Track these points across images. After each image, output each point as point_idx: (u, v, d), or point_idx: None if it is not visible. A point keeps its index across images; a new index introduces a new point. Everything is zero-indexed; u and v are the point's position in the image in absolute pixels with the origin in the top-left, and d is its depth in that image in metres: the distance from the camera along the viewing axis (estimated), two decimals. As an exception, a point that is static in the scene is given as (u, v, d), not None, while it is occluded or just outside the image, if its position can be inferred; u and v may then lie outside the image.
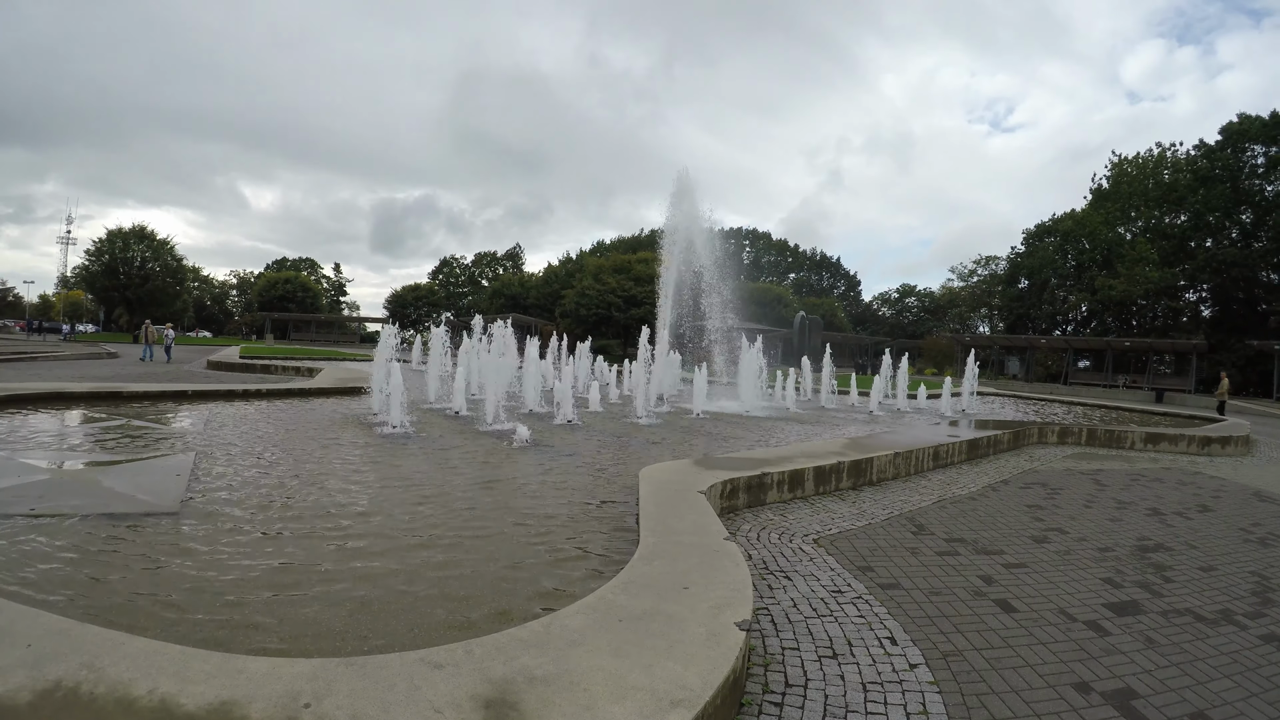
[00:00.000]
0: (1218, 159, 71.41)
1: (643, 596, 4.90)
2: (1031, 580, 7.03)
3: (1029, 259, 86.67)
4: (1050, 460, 15.58)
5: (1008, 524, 9.35)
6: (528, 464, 11.26)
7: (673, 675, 3.79)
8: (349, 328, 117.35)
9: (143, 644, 4.00)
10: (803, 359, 26.43)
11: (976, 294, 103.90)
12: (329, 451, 11.68)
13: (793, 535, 8.22)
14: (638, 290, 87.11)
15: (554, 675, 3.73)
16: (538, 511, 8.40)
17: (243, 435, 13.05)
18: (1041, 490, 11.89)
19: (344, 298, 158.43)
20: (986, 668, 4.96)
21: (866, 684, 4.63)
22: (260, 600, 5.42)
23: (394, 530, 7.38)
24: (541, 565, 6.51)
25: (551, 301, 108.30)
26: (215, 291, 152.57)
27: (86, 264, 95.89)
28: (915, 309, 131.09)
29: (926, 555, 7.69)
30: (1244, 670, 5.26)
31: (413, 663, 3.81)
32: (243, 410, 16.81)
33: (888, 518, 9.36)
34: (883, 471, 11.88)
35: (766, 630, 5.39)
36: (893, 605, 6.07)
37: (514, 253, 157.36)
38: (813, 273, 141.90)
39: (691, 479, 8.94)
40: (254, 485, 9.14)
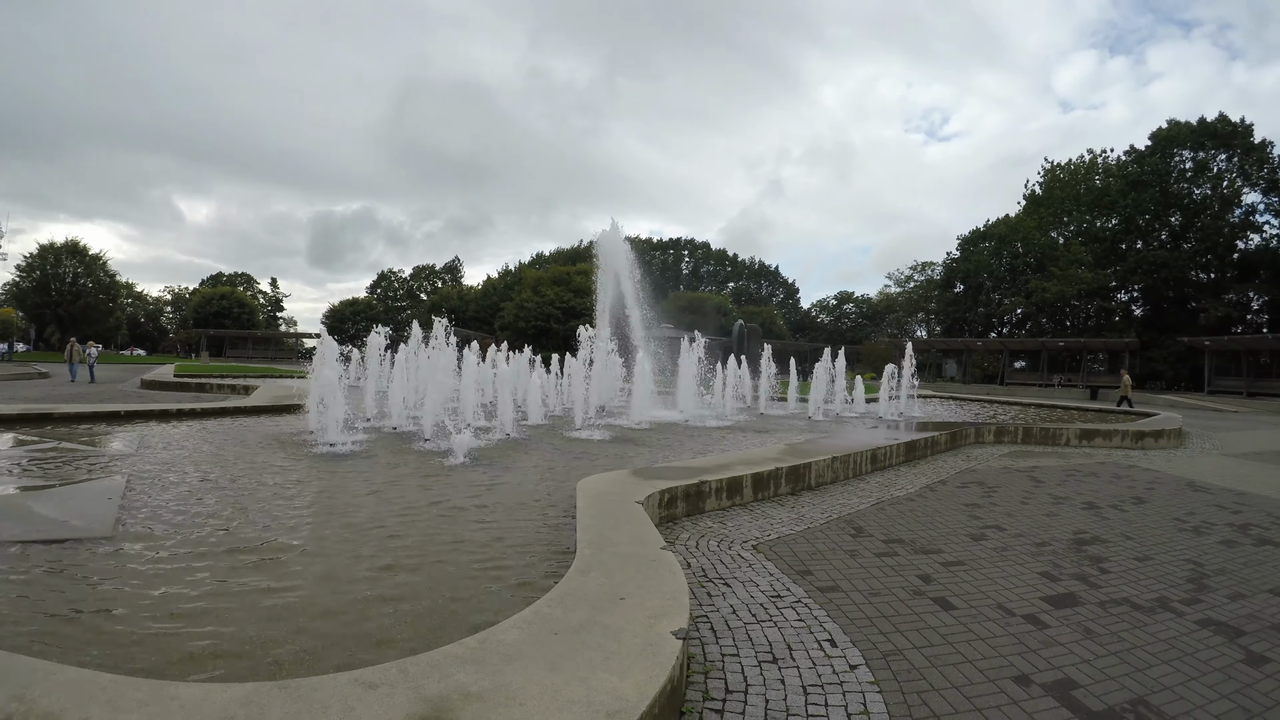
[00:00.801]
0: (1147, 164, 74.21)
1: (579, 609, 4.86)
2: (970, 577, 7.11)
3: (964, 264, 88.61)
4: (987, 459, 15.85)
5: (945, 523, 9.46)
6: (465, 480, 11.11)
7: (609, 686, 3.78)
8: (286, 344, 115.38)
9: (74, 673, 3.91)
10: (742, 366, 26.51)
11: (913, 299, 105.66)
12: (263, 472, 11.41)
13: (731, 542, 8.22)
14: (577, 302, 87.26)
15: (489, 691, 3.70)
16: (475, 528, 8.28)
17: (176, 456, 12.72)
18: (979, 489, 12.07)
19: (281, 313, 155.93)
20: (926, 665, 4.99)
21: (807, 687, 4.63)
22: (193, 625, 5.29)
23: (328, 550, 7.23)
24: (478, 581, 6.41)
25: (491, 314, 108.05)
26: (149, 308, 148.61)
27: (17, 280, 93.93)
28: (854, 315, 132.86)
29: (865, 557, 7.74)
30: (1182, 656, 5.38)
31: (346, 684, 3.76)
32: (177, 430, 16.41)
33: (826, 521, 9.42)
34: (821, 476, 11.95)
35: (706, 638, 5.38)
36: (832, 608, 6.09)
37: (453, 266, 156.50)
38: (751, 281, 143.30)
39: (629, 489, 8.90)
40: (187, 508, 8.90)
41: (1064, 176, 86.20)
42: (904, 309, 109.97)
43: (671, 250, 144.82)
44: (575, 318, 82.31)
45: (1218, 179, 72.21)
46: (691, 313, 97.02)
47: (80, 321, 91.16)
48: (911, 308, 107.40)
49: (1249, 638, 5.81)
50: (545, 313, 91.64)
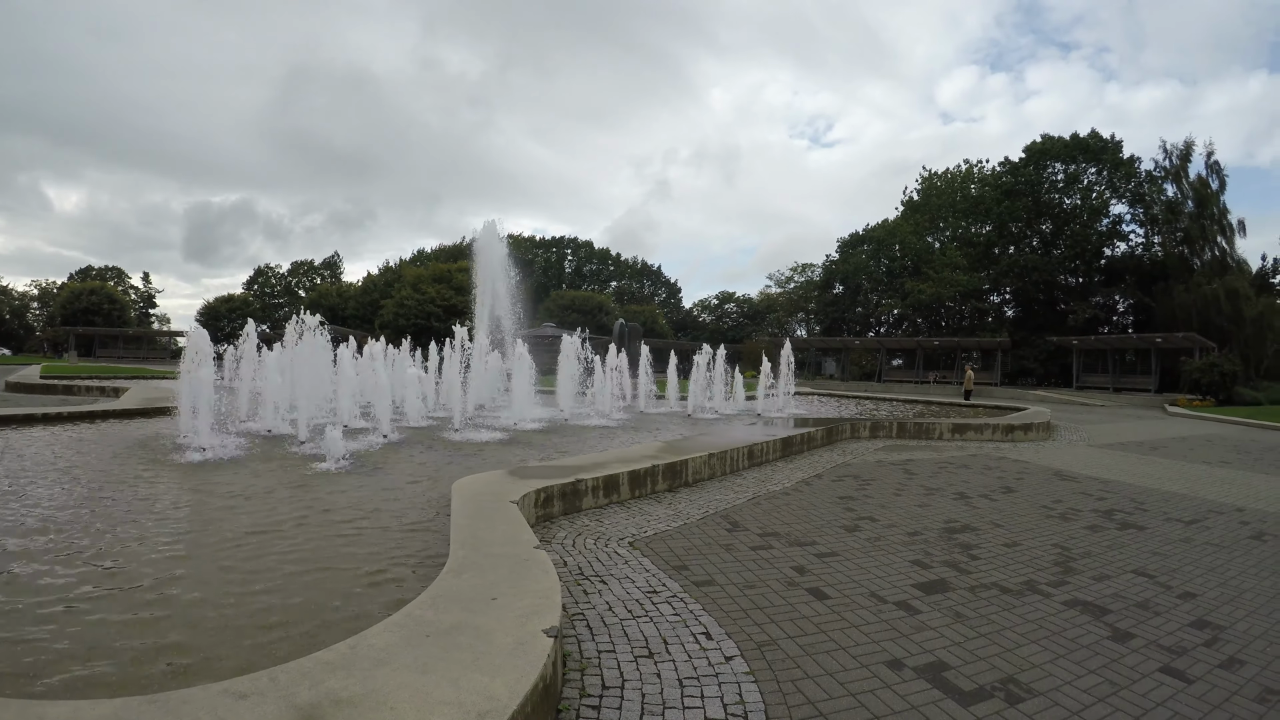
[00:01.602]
0: (1021, 174, 77.75)
1: (450, 610, 4.84)
2: (843, 568, 7.27)
3: (844, 265, 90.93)
4: (863, 454, 16.25)
5: (820, 516, 9.66)
6: (340, 484, 10.84)
7: (480, 687, 3.80)
8: (159, 343, 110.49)
9: None
10: (621, 364, 26.55)
11: (794, 299, 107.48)
12: (132, 478, 10.94)
13: (608, 540, 8.23)
14: (458, 300, 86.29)
15: (361, 696, 3.70)
16: (350, 533, 8.10)
17: (41, 463, 12.10)
18: (854, 482, 12.36)
19: (154, 310, 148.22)
20: (801, 654, 5.08)
21: (683, 680, 4.67)
22: (60, 639, 5.08)
23: (199, 560, 6.98)
24: (352, 587, 6.30)
25: (371, 312, 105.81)
26: (15, 304, 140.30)
27: None
28: (735, 315, 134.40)
29: (741, 551, 7.83)
30: (1049, 635, 5.61)
31: (216, 695, 3.72)
32: (43, 436, 15.61)
33: (703, 517, 9.51)
34: (698, 472, 12.06)
35: (582, 635, 5.38)
36: (708, 602, 6.15)
37: (332, 262, 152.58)
38: (634, 280, 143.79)
39: (505, 489, 8.84)
40: (54, 518, 8.49)
41: (941, 185, 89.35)
42: (784, 309, 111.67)
43: (555, 249, 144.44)
44: (456, 316, 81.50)
45: (1087, 190, 76.04)
46: (574, 311, 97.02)
47: None
48: (792, 308, 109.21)
49: (1114, 615, 6.11)
50: (426, 311, 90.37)
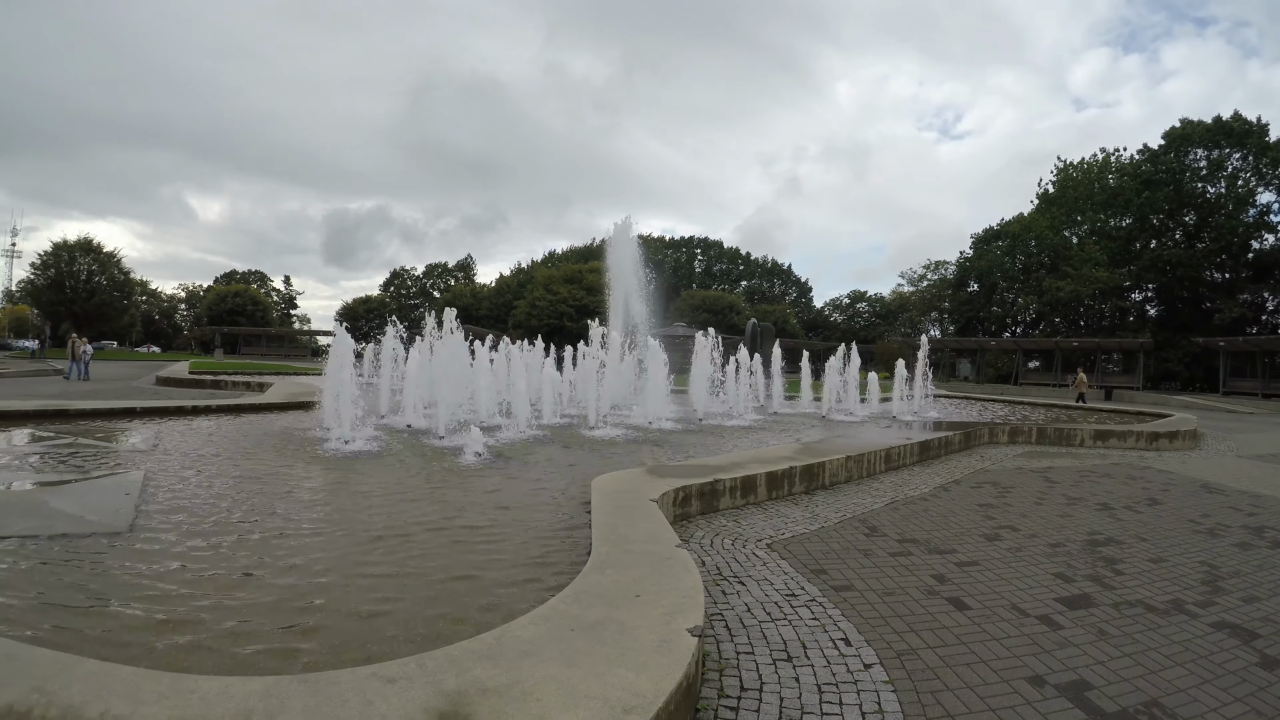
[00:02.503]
0: (1161, 163, 73.38)
1: (595, 606, 4.88)
2: (984, 577, 7.09)
3: (977, 262, 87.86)
4: (1001, 459, 15.80)
5: (960, 523, 9.45)
6: (479, 478, 11.13)
7: (625, 682, 3.78)
8: (300, 341, 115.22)
9: (94, 666, 3.93)
10: (755, 364, 26.41)
11: (927, 298, 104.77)
12: (279, 468, 11.46)
13: (746, 541, 8.23)
14: (590, 300, 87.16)
15: (506, 686, 3.71)
16: (490, 525, 8.31)
17: (193, 452, 12.78)
18: (993, 489, 12.04)
19: (295, 311, 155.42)
20: (940, 665, 4.99)
21: (821, 686, 4.63)
22: (212, 620, 5.32)
23: (344, 547, 7.27)
24: (494, 578, 6.44)
25: (504, 312, 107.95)
26: (164, 305, 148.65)
27: (32, 278, 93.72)
28: (867, 314, 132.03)
29: (879, 556, 7.73)
30: (1196, 658, 5.35)
31: (365, 678, 3.77)
32: (194, 426, 16.51)
33: (840, 520, 9.42)
34: (835, 475, 11.94)
35: (721, 636, 5.38)
36: (846, 607, 6.09)
37: (465, 264, 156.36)
38: (764, 280, 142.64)
39: (644, 487, 8.92)
40: (205, 503, 8.96)
41: (1077, 175, 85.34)
42: (917, 308, 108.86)
43: (684, 248, 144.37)
44: (588, 316, 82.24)
45: (1232, 178, 71.22)
46: (704, 311, 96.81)
47: (95, 319, 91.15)
48: (925, 307, 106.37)
49: (1263, 641, 5.78)
50: (558, 310, 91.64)
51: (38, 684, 3.63)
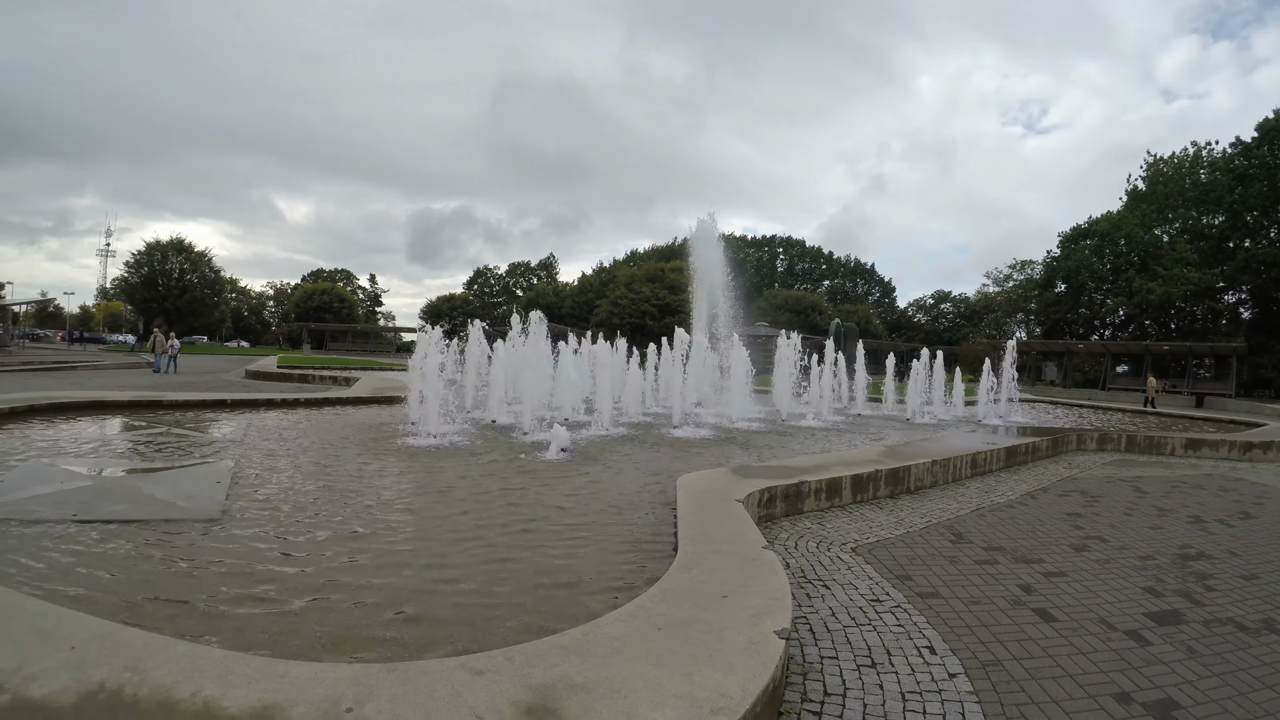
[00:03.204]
0: (1254, 157, 69.25)
1: (682, 605, 4.91)
2: (1071, 589, 6.95)
3: (1065, 262, 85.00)
4: (1089, 467, 15.40)
5: (1047, 532, 9.26)
6: (564, 474, 11.29)
7: (713, 683, 3.79)
8: (385, 338, 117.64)
9: (185, 647, 4.06)
10: (838, 365, 26.19)
11: (1012, 299, 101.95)
12: (367, 461, 11.78)
13: (830, 544, 8.21)
14: (671, 299, 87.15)
15: (594, 682, 3.74)
16: (575, 521, 8.43)
17: (282, 444, 13.21)
18: (1081, 498, 11.76)
19: (380, 308, 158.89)
20: (1026, 677, 4.93)
21: (905, 693, 4.61)
22: (301, 606, 5.50)
23: (433, 539, 7.45)
24: (580, 573, 6.54)
25: (586, 311, 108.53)
26: (252, 302, 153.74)
27: (126, 275, 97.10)
28: (951, 315, 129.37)
29: (965, 564, 7.65)
30: (1288, 681, 5.19)
31: (453, 669, 3.83)
32: (282, 419, 17.06)
33: (926, 526, 9.32)
34: (920, 479, 11.80)
35: (805, 639, 5.39)
36: (931, 614, 6.04)
37: (547, 263, 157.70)
38: (847, 279, 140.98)
39: (729, 487, 8.94)
40: (294, 493, 9.26)
41: (1168, 171, 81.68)
42: (1003, 309, 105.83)
43: (766, 248, 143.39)
44: (670, 315, 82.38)
45: (1332, 171, 67.25)
46: (786, 311, 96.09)
47: (186, 314, 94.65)
48: (1010, 308, 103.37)
49: (1361, 665, 5.60)
50: (640, 309, 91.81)
51: (130, 663, 3.77)
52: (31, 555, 6.38)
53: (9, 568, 6.02)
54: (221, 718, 3.32)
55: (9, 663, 3.74)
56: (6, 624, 4.22)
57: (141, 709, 3.38)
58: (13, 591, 4.87)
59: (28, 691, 3.49)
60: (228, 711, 3.36)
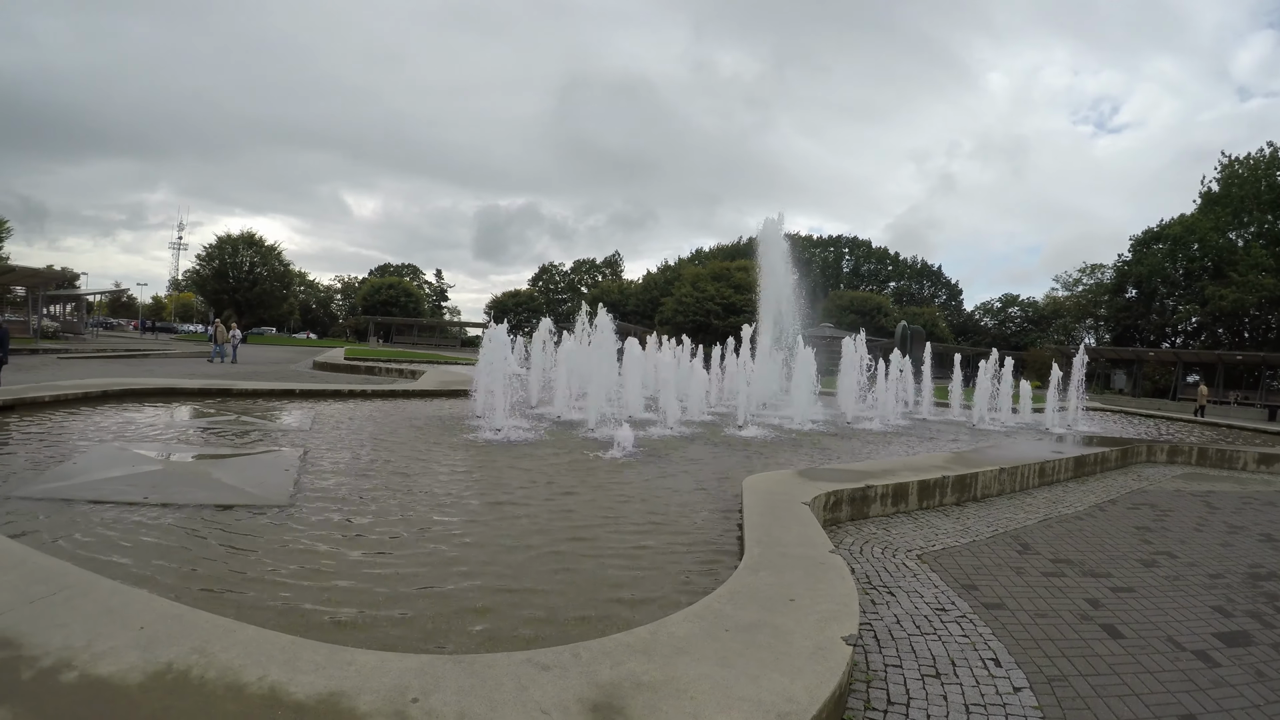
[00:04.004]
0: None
1: (749, 607, 4.92)
2: (1139, 605, 6.81)
3: (1136, 266, 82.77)
4: (1159, 480, 14.99)
5: (1115, 546, 9.06)
6: (630, 471, 11.35)
7: (779, 687, 3.78)
8: (450, 332, 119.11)
9: (253, 632, 4.16)
10: (904, 368, 25.84)
11: (1082, 304, 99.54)
12: (433, 453, 11.94)
13: (896, 550, 8.15)
14: (737, 298, 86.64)
15: (660, 682, 3.75)
16: (640, 519, 8.47)
17: (349, 434, 13.48)
18: (1150, 511, 11.48)
19: (445, 302, 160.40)
20: (1091, 694, 4.85)
21: (969, 706, 4.57)
22: (369, 594, 5.61)
23: (496, 534, 7.53)
24: (644, 572, 6.56)
25: (650, 309, 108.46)
26: (320, 295, 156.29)
27: (198, 268, 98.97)
28: (1019, 319, 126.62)
29: (1032, 575, 7.53)
30: (1363, 711, 5.04)
31: (520, 663, 3.87)
32: (349, 409, 17.36)
33: (992, 535, 9.20)
34: (987, 487, 11.64)
35: (869, 646, 5.37)
36: (997, 626, 5.98)
37: (612, 260, 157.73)
38: (913, 281, 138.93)
39: (795, 490, 8.93)
40: (362, 482, 9.44)
41: (1243, 172, 78.60)
42: (1072, 314, 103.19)
43: (832, 248, 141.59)
44: (735, 314, 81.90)
45: None
46: (851, 312, 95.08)
47: (256, 306, 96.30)
48: (1080, 313, 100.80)
49: None
50: (705, 308, 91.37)
51: (198, 645, 3.88)
52: (102, 537, 6.61)
53: (81, 549, 6.23)
54: (288, 703, 3.38)
55: (79, 640, 3.85)
56: (78, 603, 4.35)
57: (209, 691, 3.46)
58: (85, 571, 5.01)
59: (96, 669, 3.59)
60: (294, 697, 3.43)
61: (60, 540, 6.40)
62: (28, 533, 6.54)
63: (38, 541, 6.20)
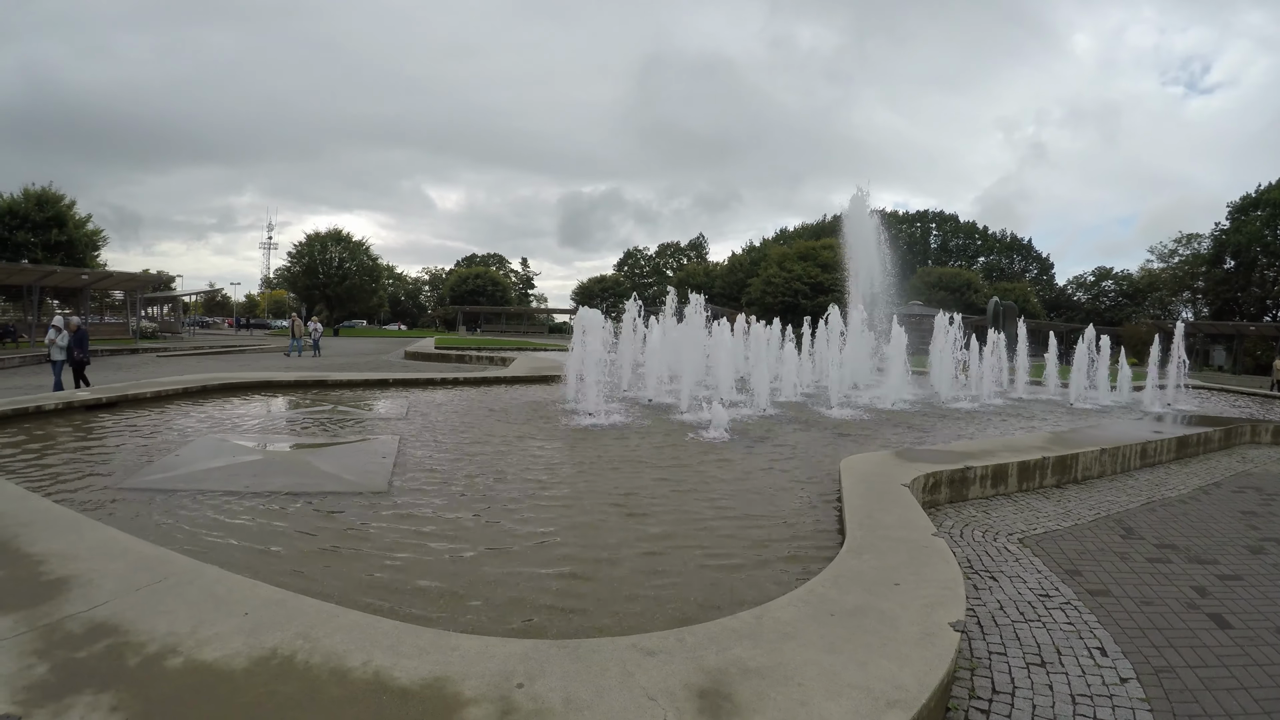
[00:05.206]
0: None
1: (853, 591, 4.91)
2: (1247, 594, 6.58)
3: (1234, 236, 78.11)
4: (1265, 462, 14.29)
5: (1221, 531, 8.75)
6: (725, 454, 11.36)
7: (887, 674, 3.76)
8: (537, 319, 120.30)
9: (356, 617, 4.28)
10: (998, 345, 25.19)
11: (1178, 276, 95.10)
12: (527, 439, 12.08)
13: (997, 533, 8.05)
14: (825, 277, 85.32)
15: (767, 668, 3.75)
16: (740, 501, 8.49)
17: (444, 421, 13.71)
18: (1256, 495, 11.00)
19: (532, 290, 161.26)
20: (1200, 687, 4.73)
21: (1075, 696, 4.51)
22: (471, 579, 5.72)
23: (594, 518, 7.61)
24: (745, 555, 6.57)
25: (737, 290, 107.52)
26: (408, 287, 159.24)
27: (288, 265, 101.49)
28: (1113, 293, 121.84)
29: (1136, 561, 7.34)
30: None
31: (624, 648, 3.90)
32: (442, 397, 17.66)
33: (1094, 519, 8.98)
34: (1088, 469, 11.33)
35: (972, 632, 5.33)
36: (1102, 613, 5.86)
37: (697, 243, 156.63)
38: (1002, 256, 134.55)
39: (894, 471, 8.87)
40: (458, 469, 9.61)
41: None
42: (1168, 287, 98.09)
43: (918, 223, 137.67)
44: (823, 294, 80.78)
45: None
46: (940, 289, 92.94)
47: (346, 300, 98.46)
48: (1176, 286, 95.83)
49: None
50: (792, 288, 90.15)
51: (303, 630, 4.00)
52: (206, 525, 6.89)
53: (185, 537, 6.49)
54: (393, 688, 3.46)
55: (184, 626, 4.02)
56: (184, 589, 4.54)
57: (313, 676, 3.56)
58: (190, 559, 5.22)
59: (201, 654, 3.73)
60: (399, 682, 3.51)
61: (165, 529, 6.68)
62: (133, 522, 6.82)
63: (143, 530, 6.46)
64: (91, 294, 53.59)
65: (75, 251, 58.38)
